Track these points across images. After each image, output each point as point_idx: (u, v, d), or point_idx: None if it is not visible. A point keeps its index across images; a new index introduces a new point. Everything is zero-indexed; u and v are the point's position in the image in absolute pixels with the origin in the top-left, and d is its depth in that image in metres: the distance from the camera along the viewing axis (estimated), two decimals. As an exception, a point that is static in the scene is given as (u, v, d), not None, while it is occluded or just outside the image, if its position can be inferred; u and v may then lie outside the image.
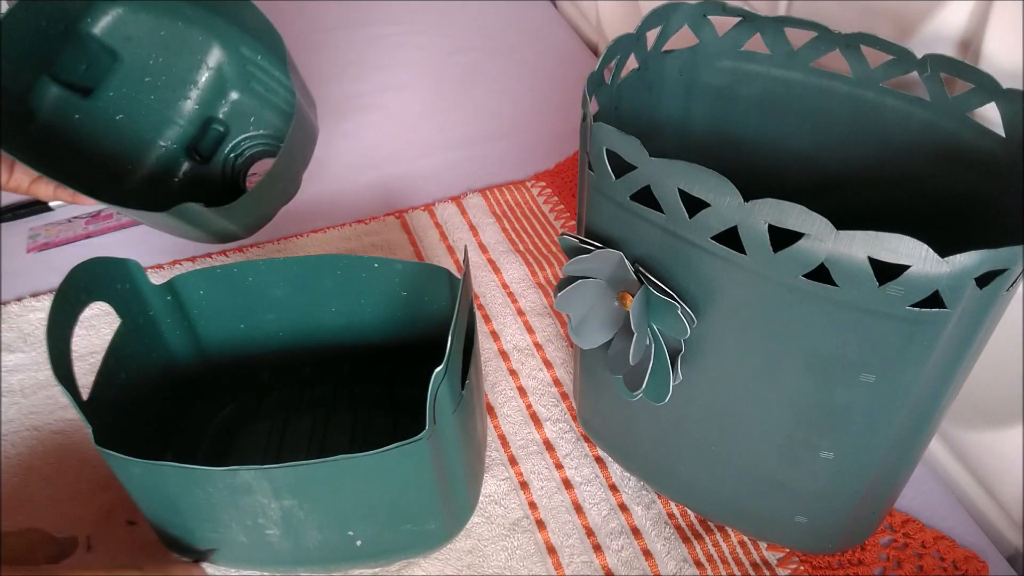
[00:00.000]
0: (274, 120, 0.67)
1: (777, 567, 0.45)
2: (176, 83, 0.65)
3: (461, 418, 0.39)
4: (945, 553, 0.45)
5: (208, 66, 0.65)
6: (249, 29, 0.62)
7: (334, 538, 0.41)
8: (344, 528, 0.40)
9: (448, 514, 0.42)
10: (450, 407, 0.38)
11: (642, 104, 0.43)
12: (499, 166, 0.73)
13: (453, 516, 0.43)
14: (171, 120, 0.65)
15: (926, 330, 0.31)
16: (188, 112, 0.66)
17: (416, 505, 0.40)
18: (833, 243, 0.29)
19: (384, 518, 0.40)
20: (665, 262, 0.35)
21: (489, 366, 0.55)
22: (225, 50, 0.65)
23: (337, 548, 0.41)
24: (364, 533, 0.41)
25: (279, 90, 0.66)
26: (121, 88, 0.64)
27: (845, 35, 0.41)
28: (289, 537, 0.40)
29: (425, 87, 0.83)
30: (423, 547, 0.44)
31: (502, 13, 0.95)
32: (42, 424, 0.51)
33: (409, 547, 0.43)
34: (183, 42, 0.64)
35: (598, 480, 0.49)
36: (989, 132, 0.38)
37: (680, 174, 0.32)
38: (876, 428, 0.35)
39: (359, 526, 0.40)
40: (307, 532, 0.40)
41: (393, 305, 0.48)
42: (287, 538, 0.40)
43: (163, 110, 0.65)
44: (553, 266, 0.62)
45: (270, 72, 0.65)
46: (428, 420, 0.36)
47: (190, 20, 0.63)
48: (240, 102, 0.66)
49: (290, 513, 0.38)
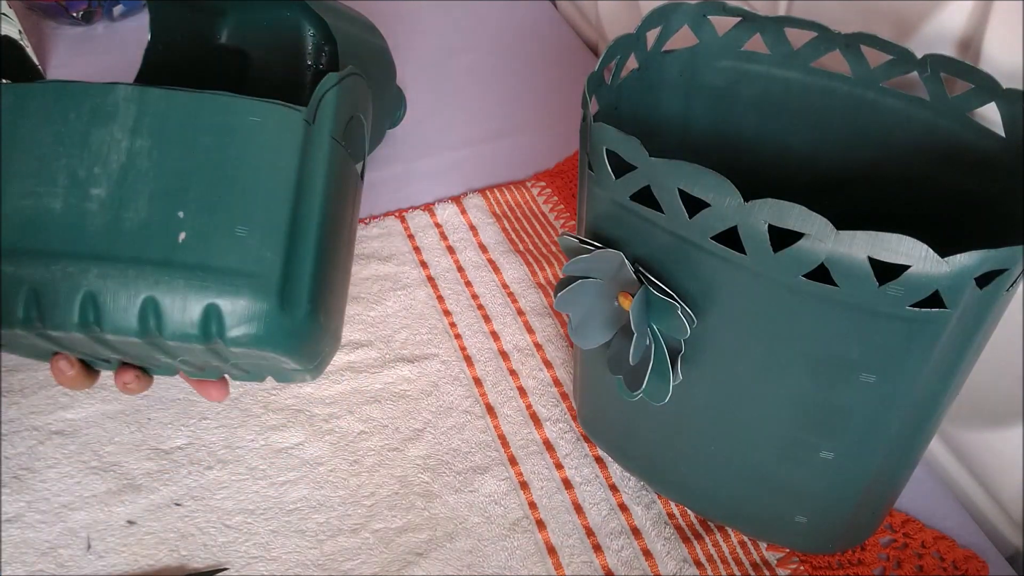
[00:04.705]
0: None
1: (777, 567, 0.45)
2: (289, 56, 0.73)
3: (336, 159, 0.39)
4: (945, 553, 0.45)
5: (307, 32, 0.72)
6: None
7: (159, 218, 0.37)
8: (177, 203, 0.37)
9: (285, 250, 0.38)
10: (331, 127, 0.39)
11: (642, 104, 0.43)
12: (499, 166, 0.73)
13: (293, 268, 0.39)
14: (298, 86, 0.72)
15: (926, 330, 0.31)
16: (308, 75, 0.73)
17: (264, 207, 0.38)
18: (833, 243, 0.29)
19: (225, 208, 0.37)
20: (665, 262, 0.35)
21: (489, 366, 0.55)
22: (306, 13, 0.72)
23: (156, 237, 0.37)
24: (192, 223, 0.37)
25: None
26: (256, 76, 0.72)
27: (845, 35, 0.41)
28: (112, 204, 0.37)
29: (425, 87, 0.83)
30: (241, 296, 0.38)
31: (502, 13, 0.95)
32: (42, 424, 0.51)
33: (225, 286, 0.37)
34: (281, 21, 0.72)
35: (598, 480, 0.49)
36: (989, 132, 0.38)
37: (680, 174, 0.32)
38: (876, 428, 0.35)
39: (192, 206, 0.37)
40: (136, 199, 0.37)
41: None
42: (109, 206, 0.37)
43: (289, 81, 0.72)
44: (553, 266, 0.62)
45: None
46: (311, 105, 0.37)
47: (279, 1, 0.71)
48: (334, 51, 0.72)
49: (134, 161, 0.37)
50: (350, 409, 0.53)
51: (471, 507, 0.48)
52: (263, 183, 0.38)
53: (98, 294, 0.37)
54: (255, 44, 0.73)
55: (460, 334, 0.57)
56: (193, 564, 0.45)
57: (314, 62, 0.74)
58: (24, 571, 0.44)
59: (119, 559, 0.45)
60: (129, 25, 0.91)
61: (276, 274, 0.38)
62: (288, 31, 0.73)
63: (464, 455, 0.50)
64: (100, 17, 0.91)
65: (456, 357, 0.56)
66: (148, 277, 0.37)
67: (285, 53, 0.73)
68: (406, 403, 0.53)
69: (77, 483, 0.48)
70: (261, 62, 0.73)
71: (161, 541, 0.46)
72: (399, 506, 0.48)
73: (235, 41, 0.72)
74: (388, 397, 0.53)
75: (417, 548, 0.46)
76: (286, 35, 0.73)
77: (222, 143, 0.38)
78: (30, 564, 0.45)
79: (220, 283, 0.37)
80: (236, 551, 0.46)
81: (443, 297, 0.60)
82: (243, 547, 0.46)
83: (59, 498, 0.48)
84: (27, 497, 0.48)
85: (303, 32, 0.73)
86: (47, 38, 0.89)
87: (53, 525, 0.46)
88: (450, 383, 0.54)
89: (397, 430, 0.52)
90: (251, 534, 0.46)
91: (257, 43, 0.73)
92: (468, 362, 0.56)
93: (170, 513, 0.47)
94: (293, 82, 0.73)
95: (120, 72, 0.70)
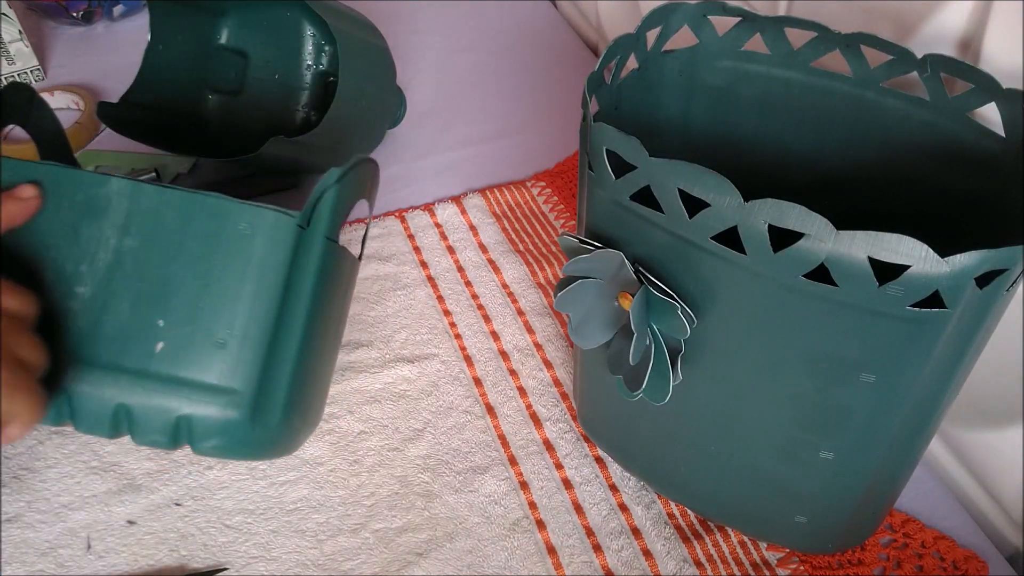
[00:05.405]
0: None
1: (777, 567, 0.45)
2: (289, 57, 0.74)
3: (330, 260, 0.38)
4: (945, 553, 0.45)
5: (307, 33, 0.73)
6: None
7: (139, 324, 0.38)
8: (158, 309, 0.38)
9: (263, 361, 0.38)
10: (326, 228, 0.38)
11: (642, 104, 0.43)
12: (499, 166, 0.73)
13: (270, 379, 0.39)
14: (298, 88, 0.74)
15: (926, 330, 0.31)
16: (308, 76, 0.75)
17: (246, 316, 0.38)
18: (833, 243, 0.29)
19: (205, 317, 0.38)
20: (665, 262, 0.35)
21: (489, 366, 0.55)
22: (306, 13, 0.72)
23: (134, 345, 0.38)
24: (171, 333, 0.38)
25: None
26: (256, 76, 0.74)
27: (845, 35, 0.41)
28: (95, 306, 0.37)
29: (425, 87, 0.83)
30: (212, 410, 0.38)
31: (502, 13, 0.95)
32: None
33: (197, 400, 0.38)
34: (281, 21, 0.73)
35: (598, 480, 0.49)
36: (989, 132, 0.38)
37: (680, 174, 0.32)
38: (876, 428, 0.35)
39: (173, 315, 0.38)
40: (119, 302, 0.37)
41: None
42: (91, 307, 0.37)
43: (289, 81, 0.74)
44: (553, 266, 0.62)
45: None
46: (306, 208, 0.36)
47: (279, 1, 0.72)
48: (334, 51, 0.73)
49: (121, 261, 0.37)
50: (350, 409, 0.53)
51: (471, 507, 0.48)
52: (247, 291, 0.38)
53: (73, 397, 0.39)
54: (255, 44, 0.74)
55: (460, 334, 0.57)
56: (193, 564, 0.45)
57: (314, 62, 0.74)
58: (24, 571, 0.44)
59: (119, 559, 0.45)
60: (129, 25, 0.91)
61: (251, 388, 0.39)
62: (288, 31, 0.73)
63: (464, 455, 0.50)
64: (100, 17, 0.91)
65: (456, 357, 0.56)
66: (123, 386, 0.38)
67: (285, 53, 0.74)
68: (406, 403, 0.53)
69: (77, 483, 0.48)
70: (261, 62, 0.74)
71: (161, 541, 0.46)
72: (399, 506, 0.48)
73: (235, 41, 0.73)
74: (388, 397, 0.53)
75: (417, 548, 0.46)
76: (286, 35, 0.73)
77: (209, 250, 0.38)
78: (30, 564, 0.45)
79: (193, 397, 0.38)
80: (236, 551, 0.46)
81: (443, 297, 0.60)
82: (243, 547, 0.46)
83: (59, 498, 0.48)
84: (27, 497, 0.48)
85: (303, 32, 0.73)
86: (47, 38, 0.89)
87: (53, 525, 0.46)
88: (450, 383, 0.54)
89: (397, 430, 0.52)
90: (251, 534, 0.46)
91: (257, 43, 0.73)
92: (468, 362, 0.56)
93: (170, 513, 0.47)
94: (293, 82, 0.74)
95: (120, 72, 0.70)
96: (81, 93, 0.78)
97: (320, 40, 0.74)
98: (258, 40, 0.73)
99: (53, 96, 0.78)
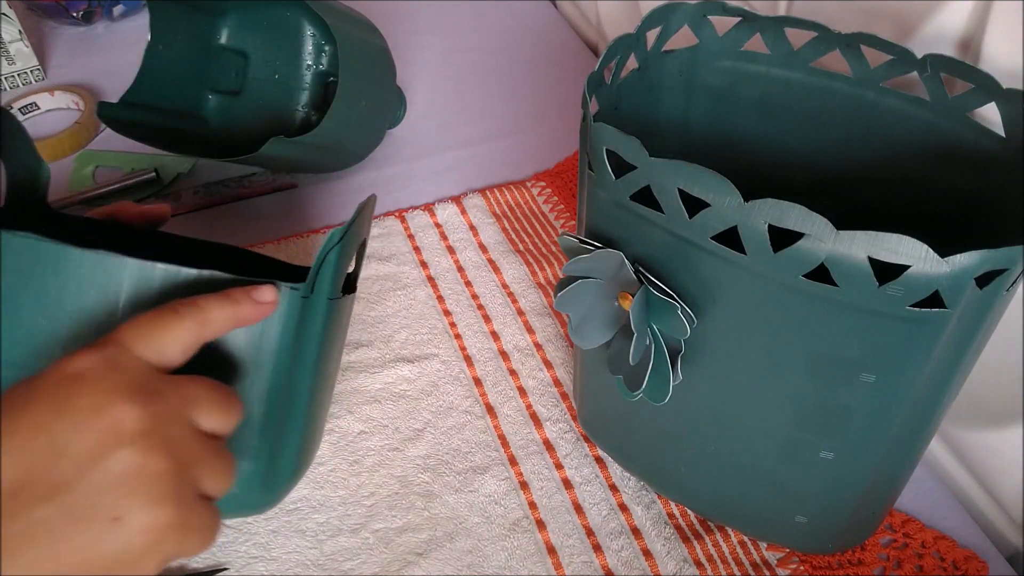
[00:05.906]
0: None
1: (777, 567, 0.45)
2: (290, 57, 0.74)
3: (334, 315, 0.38)
4: (945, 553, 0.45)
5: (307, 33, 0.74)
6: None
7: None
8: None
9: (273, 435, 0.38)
10: (330, 291, 0.37)
11: (642, 104, 0.43)
12: (499, 166, 0.73)
13: (280, 448, 0.39)
14: (298, 88, 0.74)
15: (926, 330, 0.31)
16: (308, 76, 0.75)
17: (250, 397, 0.36)
18: (833, 243, 0.29)
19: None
20: (665, 262, 0.35)
21: (489, 366, 0.55)
22: (306, 13, 0.73)
23: None
24: None
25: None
26: (256, 76, 0.74)
27: (845, 35, 0.41)
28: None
29: (425, 87, 0.83)
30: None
31: (502, 13, 0.95)
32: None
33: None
34: (281, 21, 0.73)
35: (598, 480, 0.49)
36: (989, 132, 0.38)
37: (680, 174, 0.32)
38: (876, 428, 0.35)
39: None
40: None
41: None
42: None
43: (289, 82, 0.74)
44: (553, 266, 0.62)
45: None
46: (310, 277, 0.35)
47: (279, 1, 0.72)
48: (334, 51, 0.73)
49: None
50: (350, 409, 0.53)
51: (471, 507, 0.48)
52: (252, 369, 0.37)
53: None
54: (255, 44, 0.74)
55: (460, 334, 0.57)
56: (193, 564, 0.45)
57: (314, 62, 0.74)
58: (24, 571, 0.44)
59: (119, 559, 0.45)
60: (129, 25, 0.91)
61: (263, 465, 0.38)
62: (288, 31, 0.73)
63: (464, 455, 0.50)
64: (100, 17, 0.91)
65: (456, 357, 0.56)
66: None
67: (285, 53, 0.74)
68: (406, 403, 0.53)
69: (77, 483, 0.48)
70: (261, 62, 0.74)
71: (161, 541, 0.46)
72: (399, 506, 0.48)
73: (235, 41, 0.73)
74: (388, 397, 0.53)
75: (417, 548, 0.46)
76: (286, 35, 0.73)
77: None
78: (30, 564, 0.45)
79: None
80: (236, 551, 0.46)
81: (443, 297, 0.60)
82: (243, 547, 0.46)
83: (59, 498, 0.48)
84: (27, 497, 0.48)
85: (303, 32, 0.73)
86: (47, 38, 0.89)
87: (53, 525, 0.46)
88: (450, 383, 0.54)
89: (397, 430, 0.52)
90: (251, 534, 0.46)
91: (257, 43, 0.74)
92: (468, 362, 0.56)
93: (170, 513, 0.47)
94: (293, 82, 0.74)
95: (120, 72, 0.70)
96: (81, 93, 0.78)
97: (320, 40, 0.74)
98: (258, 40, 0.74)
99: (53, 96, 0.78)
